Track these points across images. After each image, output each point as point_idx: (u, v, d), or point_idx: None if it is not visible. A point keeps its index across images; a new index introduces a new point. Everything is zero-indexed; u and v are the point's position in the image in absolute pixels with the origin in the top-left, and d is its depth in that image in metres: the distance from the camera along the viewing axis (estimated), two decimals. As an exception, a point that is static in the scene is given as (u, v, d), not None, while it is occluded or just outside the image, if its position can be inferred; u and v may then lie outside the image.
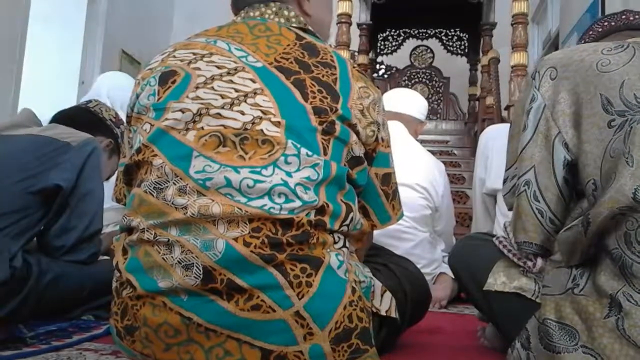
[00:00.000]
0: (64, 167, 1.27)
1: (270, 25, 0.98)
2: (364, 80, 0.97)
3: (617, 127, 0.83)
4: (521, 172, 0.93)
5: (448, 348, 1.23)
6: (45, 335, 1.13)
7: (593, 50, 0.92)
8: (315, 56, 0.93)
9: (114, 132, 1.60)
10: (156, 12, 6.20)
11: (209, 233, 0.80)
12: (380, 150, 0.99)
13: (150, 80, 0.92)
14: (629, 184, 0.77)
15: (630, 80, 0.84)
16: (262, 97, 0.87)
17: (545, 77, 0.94)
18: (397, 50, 6.06)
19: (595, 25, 1.18)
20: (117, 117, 1.63)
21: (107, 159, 1.60)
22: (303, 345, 0.79)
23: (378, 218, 1.01)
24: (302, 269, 0.80)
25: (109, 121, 1.60)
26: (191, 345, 0.80)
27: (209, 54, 0.92)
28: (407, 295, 1.04)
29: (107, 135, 1.59)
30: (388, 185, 1.01)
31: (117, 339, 0.87)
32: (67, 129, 1.39)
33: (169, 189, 0.83)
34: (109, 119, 1.60)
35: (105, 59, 4.93)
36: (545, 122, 0.91)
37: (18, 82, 3.62)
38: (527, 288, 0.92)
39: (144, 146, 0.88)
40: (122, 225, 0.90)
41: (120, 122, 1.63)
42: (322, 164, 0.85)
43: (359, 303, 0.85)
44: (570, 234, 0.85)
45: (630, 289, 0.77)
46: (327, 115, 0.87)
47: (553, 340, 0.82)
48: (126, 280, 0.84)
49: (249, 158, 0.83)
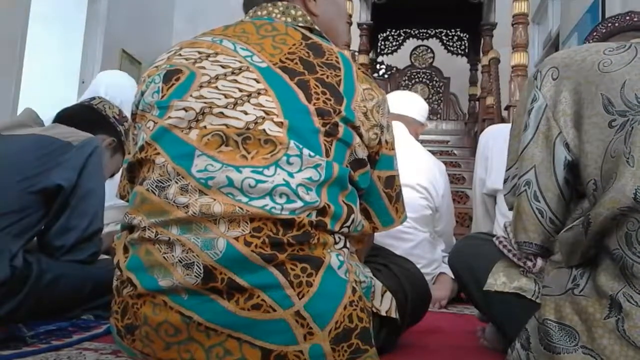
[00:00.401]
0: (65, 166, 1.27)
1: (276, 25, 0.98)
2: (368, 82, 0.97)
3: (618, 127, 0.83)
4: (522, 172, 0.93)
5: (448, 348, 1.23)
6: (45, 335, 1.13)
7: (595, 50, 0.92)
8: (321, 57, 0.93)
9: (117, 129, 1.59)
10: (156, 12, 6.20)
11: (210, 232, 0.80)
12: (383, 152, 0.99)
13: (155, 78, 0.92)
14: (629, 184, 0.76)
15: (631, 80, 0.84)
16: (266, 97, 0.87)
17: (547, 77, 0.94)
18: (397, 50, 6.07)
19: (599, 27, 1.19)
20: (121, 115, 1.62)
21: (110, 157, 1.60)
22: (303, 345, 0.80)
23: (380, 220, 1.01)
24: (303, 269, 0.80)
25: (112, 119, 1.59)
26: (191, 344, 0.80)
27: (214, 53, 0.92)
28: (407, 296, 1.04)
29: (110, 133, 1.58)
30: (392, 188, 1.01)
31: (118, 338, 0.87)
32: (68, 129, 1.39)
33: (170, 188, 0.83)
34: (112, 116, 1.59)
35: (106, 59, 4.93)
36: (547, 122, 0.91)
37: (18, 81, 3.62)
38: (527, 288, 0.92)
39: (147, 144, 0.88)
40: (123, 224, 0.90)
41: (124, 120, 1.62)
42: (324, 164, 0.85)
43: (359, 303, 0.85)
44: (570, 235, 0.85)
45: (631, 289, 0.77)
46: (331, 117, 0.87)
47: (553, 340, 0.82)
48: (127, 278, 0.84)
49: (251, 158, 0.83)
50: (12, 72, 3.55)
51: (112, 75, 2.37)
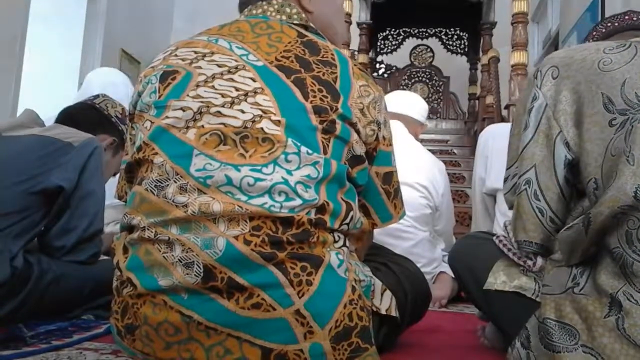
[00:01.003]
0: (65, 167, 1.27)
1: (271, 23, 0.98)
2: (365, 78, 0.97)
3: (618, 125, 0.83)
4: (522, 171, 0.93)
5: (448, 347, 1.23)
6: (46, 335, 1.13)
7: (595, 49, 0.92)
8: (316, 54, 0.93)
9: (119, 129, 1.59)
10: (156, 11, 6.20)
11: (210, 231, 0.80)
12: (381, 149, 0.99)
13: (151, 78, 0.93)
14: (629, 182, 0.76)
15: (631, 79, 0.84)
16: (263, 96, 0.87)
17: (547, 76, 0.94)
18: (397, 49, 6.07)
19: (599, 26, 1.19)
20: (124, 113, 1.61)
21: (112, 156, 1.59)
22: (303, 343, 0.79)
23: (379, 216, 1.01)
24: (302, 268, 0.80)
25: (114, 118, 1.58)
26: (191, 343, 0.80)
27: (210, 53, 0.92)
28: (407, 294, 1.04)
29: (112, 132, 1.58)
30: (389, 184, 1.01)
31: (118, 337, 0.87)
32: (69, 130, 1.39)
33: (169, 187, 0.83)
34: (115, 115, 1.59)
35: (105, 58, 4.93)
36: (547, 121, 0.91)
37: (18, 81, 3.62)
38: (527, 287, 0.92)
39: (145, 144, 0.88)
40: (122, 224, 0.90)
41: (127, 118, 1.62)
42: (322, 162, 0.85)
43: (359, 302, 0.85)
44: (570, 233, 0.85)
45: (631, 288, 0.77)
46: (328, 115, 0.87)
47: (553, 339, 0.82)
48: (127, 278, 0.84)
49: (250, 156, 0.83)
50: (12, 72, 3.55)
51: (105, 73, 2.34)
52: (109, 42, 5.04)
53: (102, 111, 1.57)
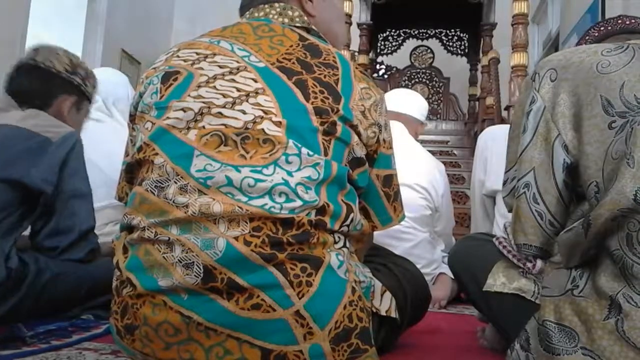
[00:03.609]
0: (43, 168, 1.23)
1: (273, 27, 0.98)
2: (366, 81, 0.97)
3: (617, 128, 0.83)
4: (521, 174, 0.93)
5: (448, 348, 1.23)
6: (45, 335, 1.13)
7: (593, 51, 0.92)
8: (318, 57, 0.93)
9: (73, 83, 1.45)
10: (156, 12, 6.21)
11: (210, 232, 0.80)
12: (381, 151, 0.99)
13: (153, 79, 0.93)
14: (629, 185, 0.77)
15: (630, 81, 0.84)
16: (264, 97, 0.87)
17: (545, 79, 0.94)
18: (397, 50, 6.07)
19: (591, 30, 1.19)
20: (72, 62, 1.46)
21: (77, 112, 1.48)
22: (303, 344, 0.79)
23: (379, 219, 1.01)
24: (302, 269, 0.80)
25: (64, 73, 1.43)
26: (191, 344, 0.80)
27: (212, 54, 0.92)
28: (407, 296, 1.04)
29: (68, 90, 1.44)
30: (389, 187, 1.01)
31: (117, 338, 0.87)
32: (48, 119, 1.33)
33: (170, 188, 0.83)
34: (64, 69, 1.44)
35: (105, 59, 4.93)
36: (545, 124, 0.91)
37: (18, 81, 3.61)
38: (526, 289, 0.92)
39: (145, 144, 0.88)
40: (122, 224, 0.90)
41: (76, 65, 1.47)
42: (322, 163, 0.85)
43: (359, 303, 0.85)
44: (570, 236, 0.85)
45: (631, 290, 0.77)
46: (329, 116, 0.87)
47: (552, 341, 0.82)
48: (126, 279, 0.84)
49: (250, 157, 0.83)
50: (12, 72, 3.54)
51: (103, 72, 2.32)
52: (109, 43, 5.04)
53: (49, 70, 1.41)
